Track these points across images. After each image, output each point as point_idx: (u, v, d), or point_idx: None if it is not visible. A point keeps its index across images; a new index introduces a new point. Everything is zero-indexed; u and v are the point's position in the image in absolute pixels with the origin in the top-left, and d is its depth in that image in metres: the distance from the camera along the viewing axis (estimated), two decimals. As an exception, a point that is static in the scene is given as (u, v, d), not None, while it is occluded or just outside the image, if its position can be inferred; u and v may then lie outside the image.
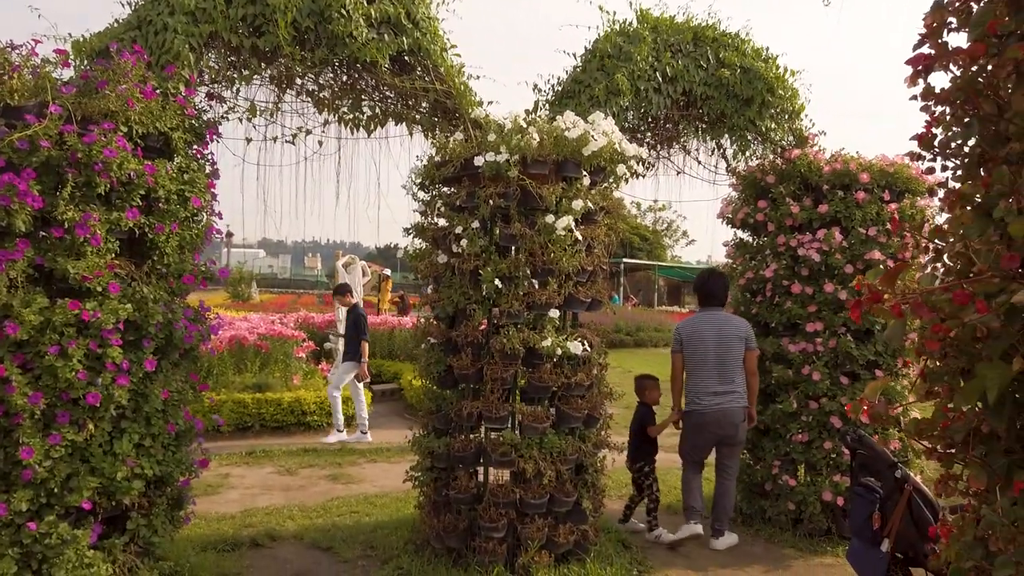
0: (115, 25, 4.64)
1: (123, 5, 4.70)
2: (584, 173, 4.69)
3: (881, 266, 2.97)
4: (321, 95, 5.60)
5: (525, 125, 4.69)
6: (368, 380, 8.79)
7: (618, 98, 5.75)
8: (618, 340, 19.84)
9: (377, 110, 5.76)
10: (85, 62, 4.25)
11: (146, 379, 3.73)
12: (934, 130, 2.10)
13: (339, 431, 8.54)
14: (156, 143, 3.95)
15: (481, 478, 4.72)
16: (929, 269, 2.00)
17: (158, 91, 3.96)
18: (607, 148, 4.69)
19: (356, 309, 8.86)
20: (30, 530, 3.27)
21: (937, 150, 2.11)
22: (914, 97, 2.09)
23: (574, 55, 6.11)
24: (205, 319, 4.23)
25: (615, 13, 6.08)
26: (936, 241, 2.04)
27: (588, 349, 4.71)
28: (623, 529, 5.57)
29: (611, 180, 4.97)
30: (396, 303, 20.41)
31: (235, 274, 26.71)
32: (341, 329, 10.95)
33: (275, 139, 5.47)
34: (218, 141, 4.66)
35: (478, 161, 4.52)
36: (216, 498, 6.09)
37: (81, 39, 4.40)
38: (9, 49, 3.60)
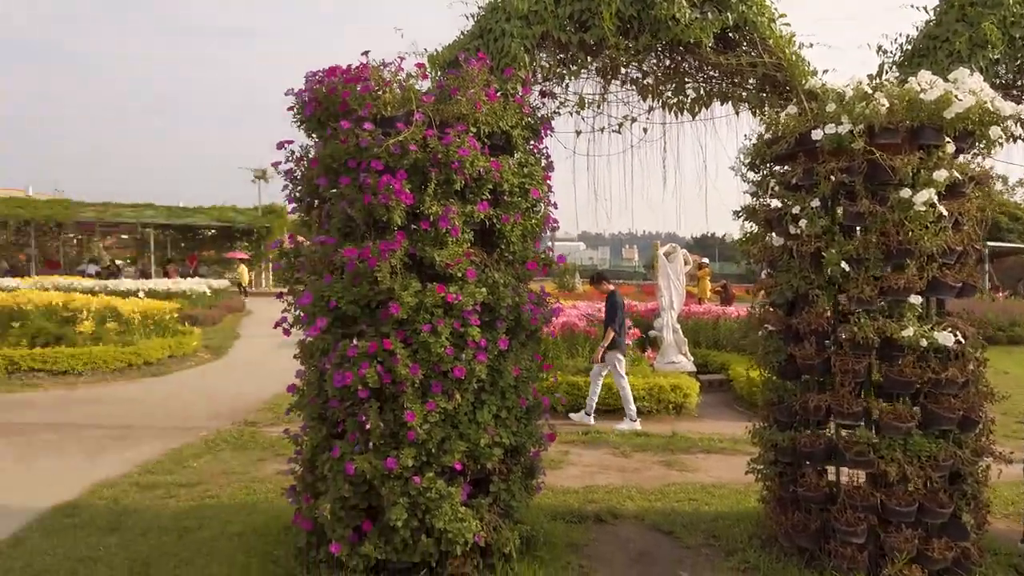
0: (461, 37, 5.16)
1: (467, 18, 5.21)
2: (947, 139, 4.06)
3: None
4: (645, 82, 5.65)
5: (870, 91, 4.22)
6: (599, 362, 8.66)
7: (985, 50, 5.00)
8: (988, 335, 16.98)
9: (701, 91, 5.66)
10: (438, 72, 4.78)
11: (500, 356, 4.07)
12: None
13: (631, 419, 8.51)
14: (499, 141, 4.30)
15: (831, 477, 4.35)
16: None
17: (499, 93, 4.29)
18: (975, 108, 4.03)
19: (613, 296, 8.88)
20: (415, 484, 3.76)
21: None
22: None
23: (925, 8, 5.43)
24: (546, 303, 4.49)
25: (977, -46, 5.26)
26: None
27: (962, 341, 4.06)
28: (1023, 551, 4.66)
29: (981, 145, 4.24)
30: (718, 292, 19.92)
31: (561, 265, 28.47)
32: (666, 318, 10.98)
33: (602, 129, 5.65)
34: (551, 135, 4.92)
35: (816, 134, 4.20)
36: (559, 473, 6.48)
37: (435, 53, 4.96)
38: (382, 67, 4.16)
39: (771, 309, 4.71)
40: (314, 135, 4.29)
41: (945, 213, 4.04)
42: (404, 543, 3.85)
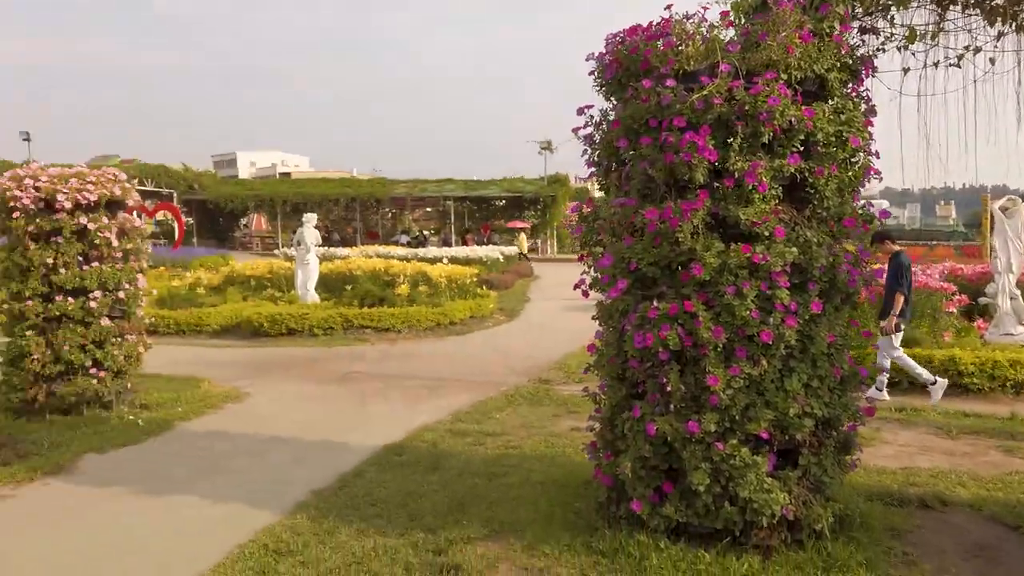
0: (771, -25, 4.76)
1: (771, -46, 4.80)
2: None
3: None
4: (993, 3, 4.77)
5: None
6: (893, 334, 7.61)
7: None
8: None
9: (1071, 6, 4.64)
10: (743, 19, 4.48)
11: (811, 321, 3.78)
12: None
13: (931, 384, 7.58)
14: (812, 86, 3.96)
15: None
16: None
17: (813, 33, 3.91)
18: None
19: (897, 257, 7.64)
20: (718, 449, 3.66)
21: None
22: None
23: None
24: (866, 264, 4.06)
25: None
26: None
27: None
28: None
29: None
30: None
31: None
32: (1001, 282, 9.45)
33: (936, 64, 4.90)
34: (873, 76, 4.39)
35: None
36: (871, 451, 5.89)
37: (739, -1, 4.65)
38: (684, 20, 4.01)
39: None
40: (613, 97, 4.28)
41: None
42: (706, 508, 3.78)
